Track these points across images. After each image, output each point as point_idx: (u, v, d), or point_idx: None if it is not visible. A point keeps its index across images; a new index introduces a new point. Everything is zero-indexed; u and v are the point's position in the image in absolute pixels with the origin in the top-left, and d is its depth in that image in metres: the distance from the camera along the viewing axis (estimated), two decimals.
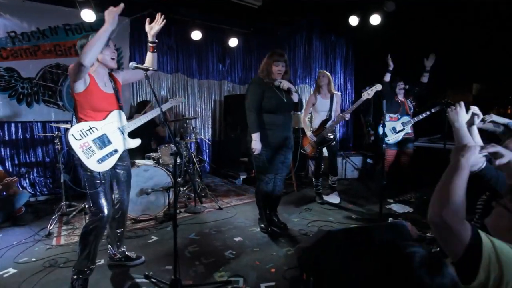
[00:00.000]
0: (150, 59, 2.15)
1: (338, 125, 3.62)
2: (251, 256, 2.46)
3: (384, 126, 2.74)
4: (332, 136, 3.56)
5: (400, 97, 3.87)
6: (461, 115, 1.60)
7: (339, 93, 3.73)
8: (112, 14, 1.72)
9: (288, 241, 2.72)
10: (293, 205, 3.76)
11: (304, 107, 3.81)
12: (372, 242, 1.59)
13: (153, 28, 2.06)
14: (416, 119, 3.78)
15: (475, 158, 1.04)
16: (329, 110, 3.61)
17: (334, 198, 3.84)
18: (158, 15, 2.03)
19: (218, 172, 5.51)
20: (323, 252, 1.73)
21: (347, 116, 3.45)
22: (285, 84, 2.68)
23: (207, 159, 5.69)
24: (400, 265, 0.75)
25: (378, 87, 3.20)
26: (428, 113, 3.71)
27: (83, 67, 1.73)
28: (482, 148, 1.13)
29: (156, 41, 2.12)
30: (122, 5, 1.77)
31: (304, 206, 3.70)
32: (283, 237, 2.82)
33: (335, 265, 1.54)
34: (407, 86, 3.96)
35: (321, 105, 3.65)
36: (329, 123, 3.56)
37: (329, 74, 3.69)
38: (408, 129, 3.86)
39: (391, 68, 3.69)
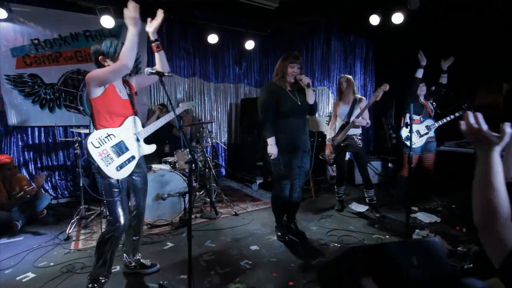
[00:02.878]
0: (158, 60, 2.05)
1: (358, 131, 3.41)
2: (267, 267, 2.36)
3: (411, 129, 2.55)
4: (343, 144, 3.38)
5: (422, 99, 3.67)
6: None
7: (363, 98, 3.47)
8: (129, 19, 1.77)
9: (307, 252, 2.60)
10: (311, 212, 3.63)
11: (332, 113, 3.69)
12: (402, 262, 1.45)
13: (152, 25, 1.93)
14: (440, 122, 3.57)
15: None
16: (347, 115, 3.40)
17: (360, 207, 3.68)
18: (158, 12, 1.92)
19: (234, 176, 5.46)
20: (345, 269, 1.61)
21: (358, 121, 3.25)
22: (305, 79, 2.56)
23: (223, 163, 5.65)
24: None
25: (385, 87, 3.04)
26: (452, 117, 3.51)
27: (127, 69, 1.80)
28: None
29: (158, 38, 1.99)
30: (136, 6, 1.78)
31: (323, 213, 3.56)
32: (301, 246, 2.71)
33: (358, 286, 1.42)
34: (433, 88, 3.75)
35: (341, 110, 3.47)
36: (345, 128, 3.39)
37: (349, 77, 3.49)
38: (432, 133, 3.66)
39: (424, 63, 3.46)
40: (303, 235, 2.87)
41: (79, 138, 3.46)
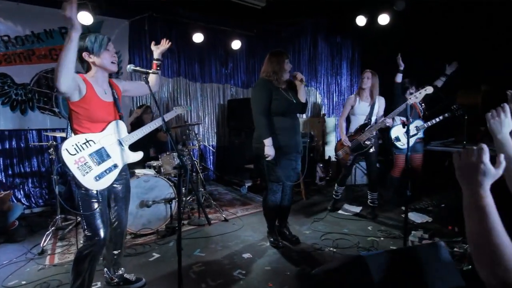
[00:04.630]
0: (153, 78, 2.03)
1: (375, 132, 3.23)
2: (262, 276, 2.23)
3: (408, 130, 2.55)
4: (368, 143, 3.21)
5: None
6: (506, 124, 1.35)
7: (382, 98, 3.36)
8: (65, 20, 1.43)
9: (302, 258, 2.50)
10: (303, 215, 3.54)
11: (342, 108, 3.57)
12: (410, 269, 1.37)
13: (159, 47, 2.05)
14: (429, 123, 3.59)
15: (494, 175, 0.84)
16: (368, 114, 3.26)
17: (353, 208, 3.63)
18: (163, 41, 2.05)
19: (221, 179, 5.30)
20: (349, 279, 1.51)
21: (389, 122, 3.11)
22: (299, 75, 2.53)
23: (211, 166, 5.48)
24: None
25: (429, 90, 2.82)
26: (441, 117, 3.53)
27: (63, 93, 1.56)
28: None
29: (161, 59, 2.08)
30: (72, 3, 1.44)
31: (315, 216, 3.48)
32: (296, 252, 2.60)
33: None
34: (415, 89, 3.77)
35: (359, 108, 3.32)
36: (368, 128, 3.23)
37: (374, 72, 3.31)
38: (421, 134, 3.67)
39: (402, 68, 3.45)
40: (297, 240, 2.77)
41: (54, 143, 3.20)
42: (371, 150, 3.25)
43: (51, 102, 4.01)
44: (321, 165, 4.99)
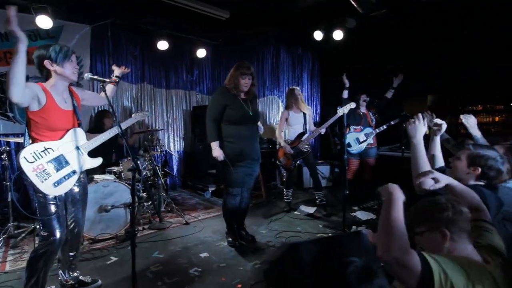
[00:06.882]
0: (109, 88, 2.21)
1: (312, 139, 3.81)
2: (217, 272, 2.39)
3: (344, 138, 2.91)
4: (308, 148, 3.71)
5: (363, 109, 4.10)
6: (419, 130, 1.65)
7: (309, 107, 3.97)
8: (14, 29, 1.42)
9: (256, 254, 2.69)
10: (261, 216, 3.75)
11: (278, 122, 3.99)
12: (331, 254, 1.61)
13: (119, 69, 2.29)
14: (377, 130, 4.01)
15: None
16: (303, 123, 3.76)
17: (308, 209, 3.91)
18: (123, 67, 2.33)
19: (186, 185, 5.37)
20: (287, 265, 1.72)
21: (323, 130, 3.63)
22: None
23: (176, 172, 5.52)
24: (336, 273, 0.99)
25: (352, 105, 3.42)
26: (388, 125, 3.97)
27: (16, 103, 1.58)
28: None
29: (120, 77, 2.29)
30: (12, 11, 1.44)
31: (273, 217, 3.70)
32: (251, 250, 2.78)
33: (297, 279, 1.53)
34: (368, 99, 4.20)
35: (294, 119, 3.78)
36: (305, 136, 3.71)
37: (299, 89, 3.87)
38: (371, 140, 4.08)
39: (347, 85, 3.99)
40: (253, 239, 2.95)
41: (7, 148, 3.12)
42: (308, 153, 3.76)
43: (4, 106, 3.86)
44: (282, 169, 5.26)
